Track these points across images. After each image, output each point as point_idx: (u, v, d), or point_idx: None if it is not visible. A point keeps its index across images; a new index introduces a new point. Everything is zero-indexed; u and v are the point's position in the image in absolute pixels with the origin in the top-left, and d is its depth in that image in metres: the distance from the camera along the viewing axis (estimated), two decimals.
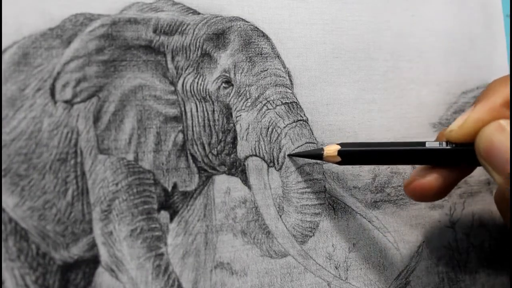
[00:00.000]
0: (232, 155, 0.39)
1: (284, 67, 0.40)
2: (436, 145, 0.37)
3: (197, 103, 0.38)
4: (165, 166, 0.37)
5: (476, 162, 0.35)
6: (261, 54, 0.39)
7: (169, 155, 0.37)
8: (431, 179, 0.37)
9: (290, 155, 0.39)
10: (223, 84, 0.39)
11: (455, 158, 0.37)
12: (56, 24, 0.35)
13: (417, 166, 0.39)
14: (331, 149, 0.37)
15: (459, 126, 0.36)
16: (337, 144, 0.37)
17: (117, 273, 0.36)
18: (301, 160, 0.39)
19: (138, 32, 0.37)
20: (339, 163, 0.37)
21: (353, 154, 0.37)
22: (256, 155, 0.39)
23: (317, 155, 0.38)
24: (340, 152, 0.37)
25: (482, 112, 0.35)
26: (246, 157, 0.39)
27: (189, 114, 0.38)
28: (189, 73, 0.38)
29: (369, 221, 0.41)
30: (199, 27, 0.38)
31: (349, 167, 0.41)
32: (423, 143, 0.37)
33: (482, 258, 0.45)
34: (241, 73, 0.39)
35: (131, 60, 0.37)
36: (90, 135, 0.36)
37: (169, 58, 0.38)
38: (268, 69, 0.39)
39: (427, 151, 0.37)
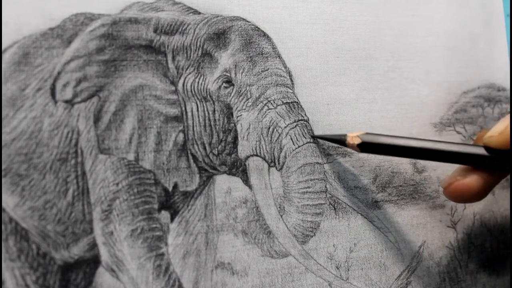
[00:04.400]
0: (233, 155, 0.39)
1: (285, 66, 0.40)
2: (473, 149, 0.38)
3: (198, 102, 0.38)
4: (166, 166, 0.37)
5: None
6: (262, 54, 0.39)
7: (170, 155, 0.37)
8: (471, 180, 0.38)
9: (314, 137, 0.39)
10: (224, 84, 0.38)
11: (493, 163, 0.38)
12: (56, 24, 0.35)
13: (456, 166, 0.40)
14: (354, 134, 0.38)
15: (499, 133, 0.37)
16: (365, 133, 0.38)
17: (118, 273, 0.35)
18: (302, 160, 0.39)
19: (138, 31, 0.37)
20: (360, 148, 0.38)
21: (376, 144, 0.38)
22: (257, 155, 0.39)
23: (340, 140, 0.39)
24: (362, 139, 0.38)
25: None
26: (247, 157, 0.38)
27: (189, 114, 0.38)
28: (189, 73, 0.38)
29: (370, 221, 0.41)
30: (200, 26, 0.38)
31: (350, 166, 0.41)
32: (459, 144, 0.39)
33: (483, 258, 0.45)
34: (242, 72, 0.39)
35: (132, 60, 0.36)
36: (90, 135, 0.36)
37: (169, 57, 0.38)
38: (269, 68, 0.39)
39: (461, 154, 0.38)
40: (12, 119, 0.34)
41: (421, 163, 0.44)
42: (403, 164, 0.43)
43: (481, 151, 0.38)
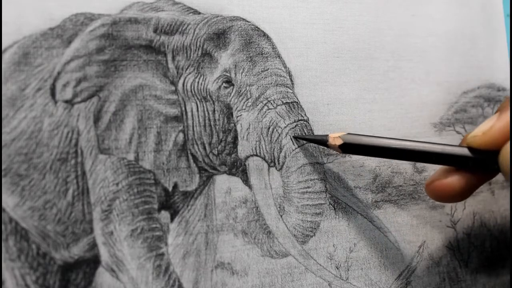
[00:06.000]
0: (232, 155, 0.39)
1: (285, 66, 0.40)
2: (456, 150, 0.37)
3: (198, 102, 0.38)
4: (166, 166, 0.37)
5: (497, 170, 0.35)
6: (262, 54, 0.39)
7: (170, 155, 0.37)
8: (453, 180, 0.37)
9: (295, 137, 0.39)
10: (224, 84, 0.38)
11: (475, 164, 0.36)
12: (56, 24, 0.35)
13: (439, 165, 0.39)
14: (336, 135, 0.37)
15: (483, 133, 0.36)
16: (346, 133, 0.37)
17: (118, 273, 0.35)
18: (302, 160, 0.39)
19: (138, 31, 0.37)
20: (342, 149, 0.37)
21: (357, 145, 0.37)
22: (256, 155, 0.39)
23: (322, 140, 0.38)
24: (344, 140, 0.37)
25: (508, 122, 0.35)
26: (247, 157, 0.39)
27: (189, 114, 0.38)
28: (189, 73, 0.38)
29: (370, 221, 0.41)
30: (200, 26, 0.38)
31: (350, 166, 0.41)
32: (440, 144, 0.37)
33: (483, 258, 0.45)
34: (242, 72, 0.39)
35: (132, 60, 0.36)
36: (90, 135, 0.36)
37: (169, 57, 0.38)
38: (268, 68, 0.39)
39: (441, 154, 0.37)
40: (12, 119, 0.34)
41: (421, 163, 0.44)
42: (403, 164, 0.43)
43: (464, 151, 0.37)
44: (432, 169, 0.44)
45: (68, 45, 0.35)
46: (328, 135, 0.38)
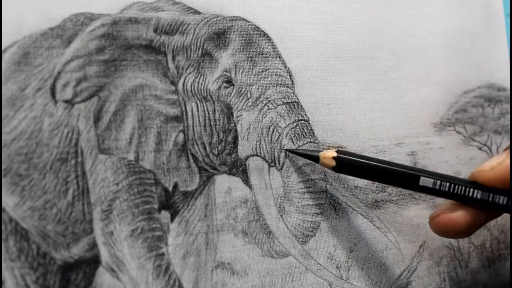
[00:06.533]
0: (233, 155, 0.39)
1: (285, 66, 0.40)
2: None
3: (198, 102, 0.38)
4: (166, 166, 0.37)
5: (503, 209, 0.34)
6: (262, 54, 0.39)
7: (170, 155, 0.37)
8: (458, 215, 0.35)
9: (287, 150, 0.39)
10: (224, 84, 0.38)
11: (482, 200, 0.35)
12: (56, 24, 0.35)
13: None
14: (328, 155, 0.37)
15: (491, 168, 0.34)
16: (337, 150, 0.37)
17: (118, 273, 0.35)
18: (302, 160, 0.39)
19: (138, 31, 0.37)
20: (334, 169, 0.37)
21: (350, 167, 0.36)
22: (257, 155, 0.39)
23: (313, 157, 0.37)
24: (336, 162, 0.36)
25: None
26: (247, 157, 0.38)
27: (189, 114, 0.38)
28: (190, 73, 0.38)
29: (370, 221, 0.41)
30: (200, 26, 0.38)
31: None
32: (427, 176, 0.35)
33: (483, 258, 0.45)
34: (242, 72, 0.39)
35: (132, 60, 0.36)
36: (90, 134, 0.36)
37: (169, 57, 0.38)
38: (269, 68, 0.39)
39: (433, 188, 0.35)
40: (12, 119, 0.34)
41: (421, 162, 0.44)
42: (404, 163, 0.43)
43: (469, 186, 0.35)
44: (432, 169, 0.44)
45: (68, 45, 0.35)
46: (319, 153, 0.37)
